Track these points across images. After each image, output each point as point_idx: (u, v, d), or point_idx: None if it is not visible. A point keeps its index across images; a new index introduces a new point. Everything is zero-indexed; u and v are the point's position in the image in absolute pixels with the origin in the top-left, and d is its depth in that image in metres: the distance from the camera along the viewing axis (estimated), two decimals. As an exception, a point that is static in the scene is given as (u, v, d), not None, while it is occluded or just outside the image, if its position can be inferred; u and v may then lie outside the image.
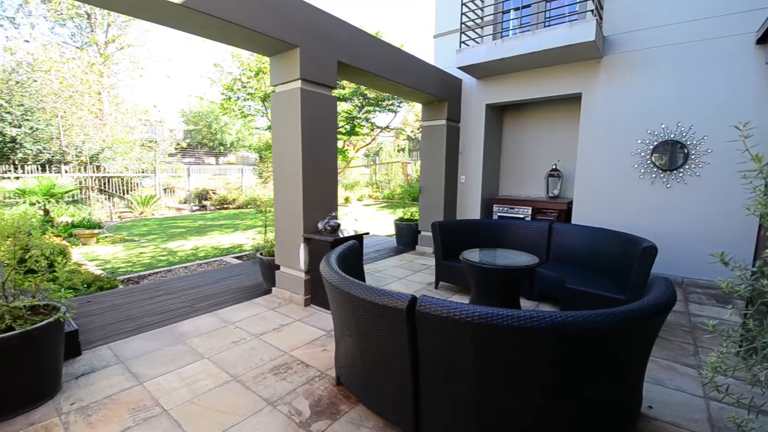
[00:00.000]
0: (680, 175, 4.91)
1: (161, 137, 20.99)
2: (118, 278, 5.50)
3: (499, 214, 6.38)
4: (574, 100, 5.83)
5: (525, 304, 4.13)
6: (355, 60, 4.41)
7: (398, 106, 12.43)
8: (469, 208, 6.77)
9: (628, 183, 5.25)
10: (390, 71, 4.96)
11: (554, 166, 6.18)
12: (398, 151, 23.97)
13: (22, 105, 13.47)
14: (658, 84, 4.97)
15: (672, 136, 4.91)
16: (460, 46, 5.91)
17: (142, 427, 2.15)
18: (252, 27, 3.36)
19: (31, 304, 2.46)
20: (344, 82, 10.63)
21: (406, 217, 7.46)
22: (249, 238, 8.33)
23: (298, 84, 3.86)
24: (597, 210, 5.49)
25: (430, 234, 6.45)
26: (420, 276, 5.31)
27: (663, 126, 4.96)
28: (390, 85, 5.28)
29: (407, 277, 5.27)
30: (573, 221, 5.67)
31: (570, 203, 5.84)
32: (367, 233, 4.46)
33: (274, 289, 4.45)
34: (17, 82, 13.72)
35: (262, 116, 12.41)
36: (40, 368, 2.32)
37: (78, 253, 7.25)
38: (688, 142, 4.82)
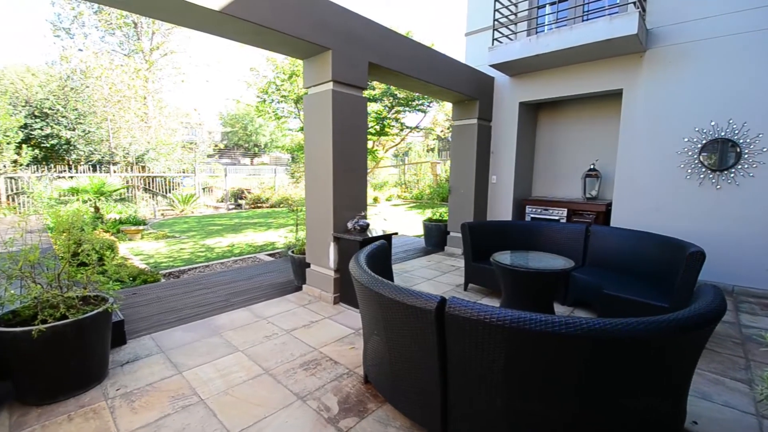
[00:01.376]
0: (731, 175, 4.57)
1: (201, 139, 22.01)
2: (160, 272, 5.81)
3: (532, 215, 6.20)
4: (614, 96, 5.56)
5: (559, 309, 3.98)
6: (385, 61, 4.43)
7: (428, 106, 12.36)
8: (501, 209, 6.62)
9: (674, 184, 4.95)
10: (420, 71, 4.94)
11: (592, 166, 5.93)
12: (427, 151, 23.82)
13: (76, 109, 14.54)
14: (707, 79, 4.64)
15: (723, 134, 4.57)
16: (492, 44, 5.79)
17: (180, 415, 2.27)
18: (286, 31, 3.45)
19: (83, 295, 2.65)
20: (374, 83, 10.70)
21: (434, 217, 7.40)
22: (281, 237, 8.59)
23: (330, 86, 3.92)
24: (638, 212, 5.20)
25: (460, 235, 6.36)
26: (449, 277, 5.25)
27: (713, 123, 4.63)
28: (420, 84, 5.26)
29: (436, 278, 5.23)
30: (612, 224, 5.41)
31: (609, 205, 5.58)
32: (396, 233, 4.47)
33: (304, 286, 4.55)
34: (72, 89, 14.82)
35: (295, 118, 12.72)
36: (90, 355, 2.50)
37: (125, 248, 7.73)
38: (741, 141, 4.47)
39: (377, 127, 12.19)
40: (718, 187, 4.65)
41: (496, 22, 5.70)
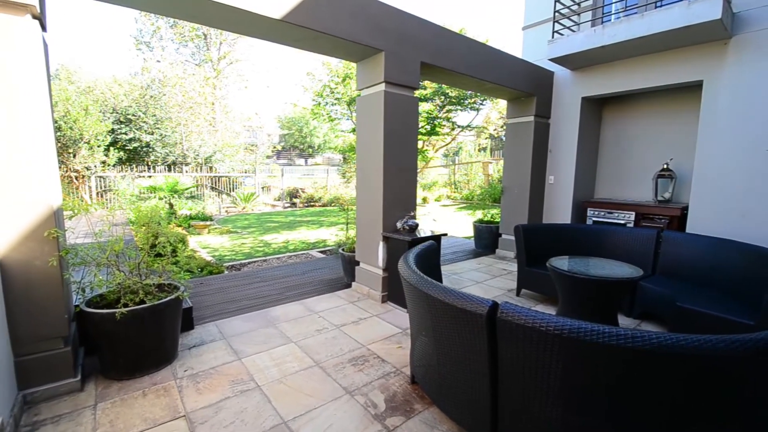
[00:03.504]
0: None
1: (261, 141, 23.34)
2: (224, 264, 6.27)
3: (594, 218, 5.79)
4: (692, 89, 5.01)
5: (624, 321, 3.68)
6: (438, 60, 4.38)
7: (481, 104, 12.04)
8: (558, 212, 6.26)
9: (764, 186, 4.34)
10: (474, 68, 4.83)
11: (665, 166, 5.39)
12: (479, 150, 23.19)
13: (154, 115, 16.11)
14: (814, 64, 4.01)
15: (834, 127, 3.93)
16: (552, 36, 5.49)
17: (239, 398, 2.43)
18: (341, 36, 3.55)
19: (158, 283, 2.93)
20: (426, 82, 10.63)
21: (486, 218, 7.19)
22: (332, 234, 8.85)
23: (382, 87, 3.97)
24: (720, 217, 4.63)
25: (512, 238, 6.12)
26: (500, 281, 5.08)
27: (821, 116, 3.99)
28: (474, 82, 5.14)
29: (486, 281, 5.08)
30: (688, 230, 4.87)
31: (685, 209, 5.03)
32: (445, 234, 4.41)
33: (353, 283, 4.65)
34: (151, 96, 16.45)
35: (347, 119, 13.05)
36: (163, 337, 2.76)
37: (194, 242, 8.43)
38: None
39: (427, 127, 12.11)
40: (826, 189, 4.01)
41: (556, 14, 5.39)
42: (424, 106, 11.61)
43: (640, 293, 3.65)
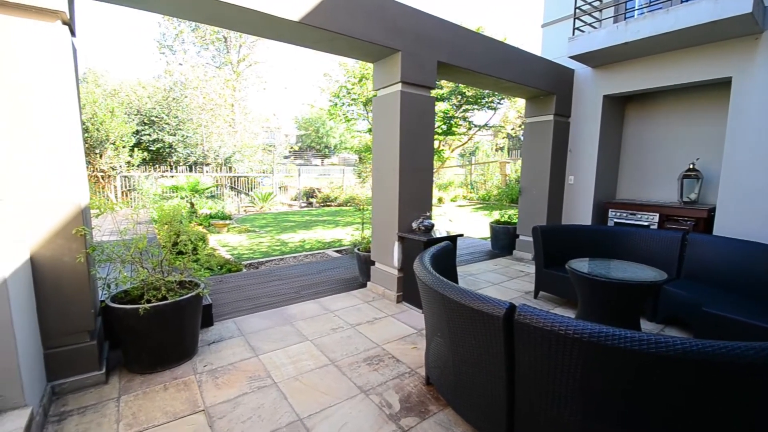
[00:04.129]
0: None
1: (278, 142, 23.73)
2: (242, 263, 6.38)
3: (616, 220, 5.63)
4: (720, 86, 4.81)
5: (646, 326, 3.57)
6: (455, 59, 4.35)
7: (498, 103, 11.89)
8: (578, 213, 6.12)
9: (802, 187, 4.13)
10: (492, 67, 4.77)
11: (691, 166, 5.20)
12: (496, 150, 22.90)
13: (177, 117, 16.56)
14: None
15: None
16: (573, 33, 5.38)
17: (256, 395, 2.47)
18: (358, 36, 3.56)
19: (180, 280, 3.01)
20: (442, 82, 10.56)
21: (503, 219, 7.09)
22: (348, 234, 8.89)
23: (398, 87, 3.96)
24: (750, 220, 4.44)
25: (530, 239, 6.02)
26: (517, 283, 5.00)
27: None
28: (491, 81, 5.08)
29: (502, 283, 5.01)
30: (715, 232, 4.69)
31: (712, 210, 4.84)
32: (461, 235, 4.37)
33: (369, 283, 4.67)
34: (173, 99, 16.91)
35: (363, 120, 13.09)
36: (184, 333, 2.84)
37: (214, 240, 8.62)
38: None
39: (444, 127, 12.03)
40: None
41: (577, 10, 5.28)
42: (440, 106, 11.55)
43: (663, 297, 3.53)
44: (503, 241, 6.73)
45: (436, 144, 13.66)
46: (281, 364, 2.86)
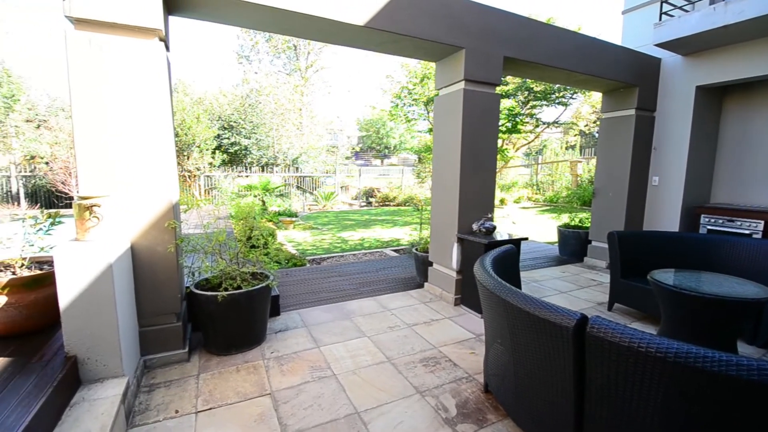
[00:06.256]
0: None
1: (341, 143, 24.59)
2: (306, 258, 6.72)
3: (709, 227, 4.96)
4: None
5: (745, 350, 3.10)
6: (522, 53, 4.15)
7: (571, 98, 11.09)
8: (663, 218, 5.49)
9: None
10: (563, 59, 4.47)
11: (813, 165, 4.39)
12: (566, 148, 21.39)
13: (251, 122, 17.90)
14: None
15: None
16: (660, 19, 4.83)
17: (317, 384, 2.59)
18: (422, 36, 3.56)
19: (252, 271, 3.26)
20: (508, 78, 10.14)
21: (573, 223, 6.61)
22: (405, 234, 8.92)
23: (462, 85, 3.89)
24: None
25: (605, 245, 5.53)
26: (588, 293, 4.63)
27: None
28: (562, 74, 4.76)
29: (571, 291, 4.67)
30: None
31: (842, 218, 4.05)
32: (526, 238, 4.16)
33: (426, 284, 4.64)
34: (249, 105, 18.31)
35: (424, 120, 13.03)
36: (254, 320, 3.07)
37: (281, 236, 9.19)
38: None
39: (508, 125, 11.53)
40: None
41: (666, -7, 4.73)
42: (505, 103, 11.08)
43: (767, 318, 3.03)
44: (573, 246, 6.27)
45: (499, 143, 13.14)
46: (340, 357, 2.96)
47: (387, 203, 17.16)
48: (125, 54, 2.50)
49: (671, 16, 4.77)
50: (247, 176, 15.45)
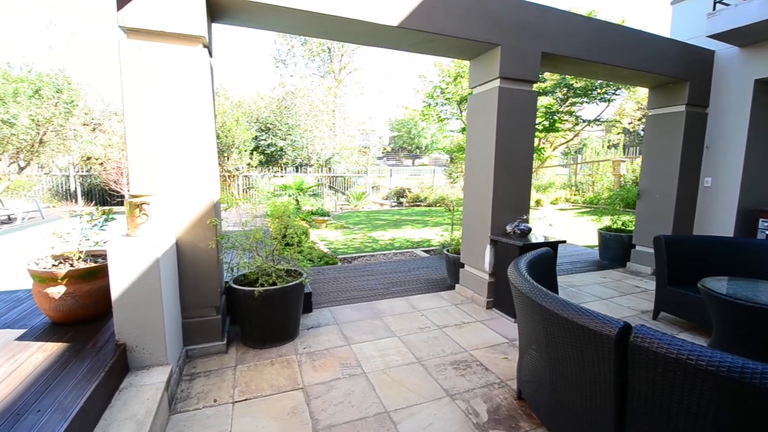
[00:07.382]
0: None
1: (372, 143, 24.75)
2: (337, 257, 6.83)
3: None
4: None
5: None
6: (561, 48, 4.00)
7: (614, 94, 10.57)
8: (716, 222, 5.10)
9: None
10: (605, 54, 4.26)
11: None
12: (608, 147, 20.37)
13: (287, 123, 18.41)
14: None
15: None
16: (714, 8, 4.50)
17: (347, 381, 2.63)
18: (457, 35, 3.52)
19: (286, 269, 3.36)
20: (546, 74, 9.81)
21: (615, 226, 6.28)
22: (436, 235, 8.85)
23: (497, 83, 3.80)
24: None
25: (650, 250, 5.21)
26: (630, 300, 4.39)
27: None
28: (605, 70, 4.54)
29: (612, 298, 4.44)
30: None
31: None
32: (563, 241, 4.00)
33: (457, 285, 4.58)
34: (285, 107, 18.84)
35: (456, 119, 12.87)
36: (288, 316, 3.16)
37: (314, 234, 9.38)
38: None
39: (545, 123, 11.15)
40: None
41: (723, -21, 4.40)
42: (542, 101, 10.73)
43: None
44: (615, 251, 5.96)
45: (535, 141, 12.72)
46: (370, 355, 2.99)
47: (418, 203, 17.08)
48: (172, 60, 2.65)
49: (727, 4, 4.42)
50: (282, 176, 15.92)
